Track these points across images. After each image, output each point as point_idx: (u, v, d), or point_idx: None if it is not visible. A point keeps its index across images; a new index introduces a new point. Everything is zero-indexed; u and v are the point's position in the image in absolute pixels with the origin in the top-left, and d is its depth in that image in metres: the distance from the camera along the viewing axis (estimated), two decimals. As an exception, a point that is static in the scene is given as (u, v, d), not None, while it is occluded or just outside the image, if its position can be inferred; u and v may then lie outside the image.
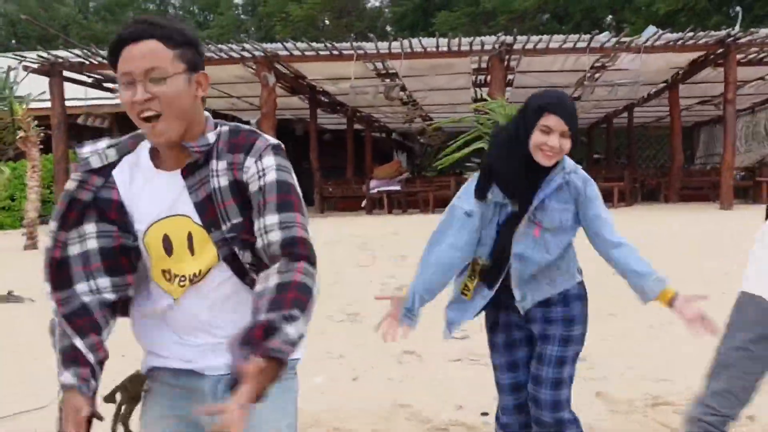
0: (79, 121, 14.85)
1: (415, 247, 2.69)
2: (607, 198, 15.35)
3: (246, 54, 13.12)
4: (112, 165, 1.67)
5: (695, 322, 2.35)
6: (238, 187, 1.60)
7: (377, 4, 34.84)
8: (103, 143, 1.70)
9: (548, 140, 2.36)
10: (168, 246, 1.63)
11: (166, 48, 1.53)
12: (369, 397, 4.47)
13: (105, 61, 13.30)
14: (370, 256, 8.09)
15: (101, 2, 37.48)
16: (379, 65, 14.31)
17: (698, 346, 2.68)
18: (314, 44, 13.11)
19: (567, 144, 2.39)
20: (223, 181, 1.60)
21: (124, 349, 2.06)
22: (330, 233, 9.16)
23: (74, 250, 1.64)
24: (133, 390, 1.81)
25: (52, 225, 1.64)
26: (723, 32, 12.52)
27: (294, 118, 20.02)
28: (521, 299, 2.56)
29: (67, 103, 14.10)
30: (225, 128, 1.66)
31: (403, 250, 8.43)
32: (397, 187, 15.73)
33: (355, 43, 13.04)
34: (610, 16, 30.60)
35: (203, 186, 1.61)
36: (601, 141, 26.11)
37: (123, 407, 1.81)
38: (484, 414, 3.87)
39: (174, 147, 1.60)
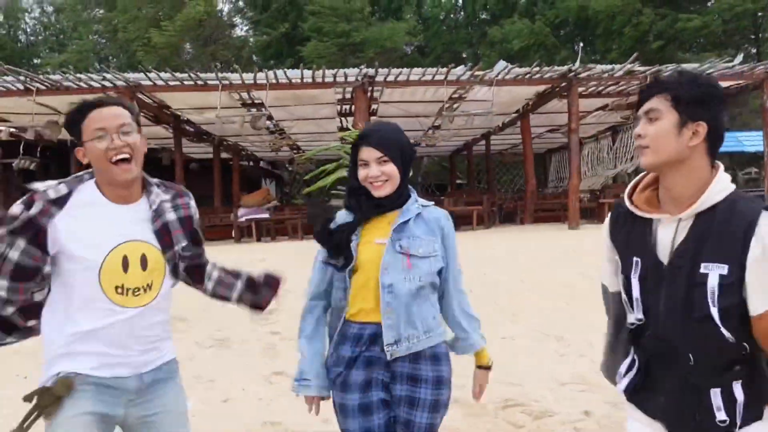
0: None
1: (283, 272, 2.77)
2: (467, 221, 16.17)
3: (107, 84, 12.81)
4: (63, 198, 2.11)
5: (476, 392, 2.68)
6: (186, 221, 2.32)
7: (242, 33, 34.73)
8: (54, 182, 2.14)
9: (369, 171, 2.36)
10: (126, 265, 2.14)
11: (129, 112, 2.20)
12: (239, 417, 4.59)
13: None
14: (238, 282, 8.15)
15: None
16: (245, 95, 14.36)
17: (538, 357, 3.07)
18: (178, 74, 12.97)
19: (389, 168, 2.35)
20: (172, 216, 2.28)
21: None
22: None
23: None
24: (58, 392, 2.06)
25: (2, 231, 2.03)
26: (565, 68, 13.58)
27: (159, 148, 19.59)
28: (393, 342, 2.32)
29: None
30: (149, 177, 2.33)
31: (272, 276, 8.56)
32: (266, 215, 15.77)
33: (220, 74, 13.04)
34: (468, 50, 32.22)
35: (158, 218, 2.24)
36: (463, 167, 27.36)
37: (41, 408, 2.05)
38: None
39: (129, 185, 2.19)
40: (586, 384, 5.02)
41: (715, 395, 1.77)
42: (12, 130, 13.28)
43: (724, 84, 14.70)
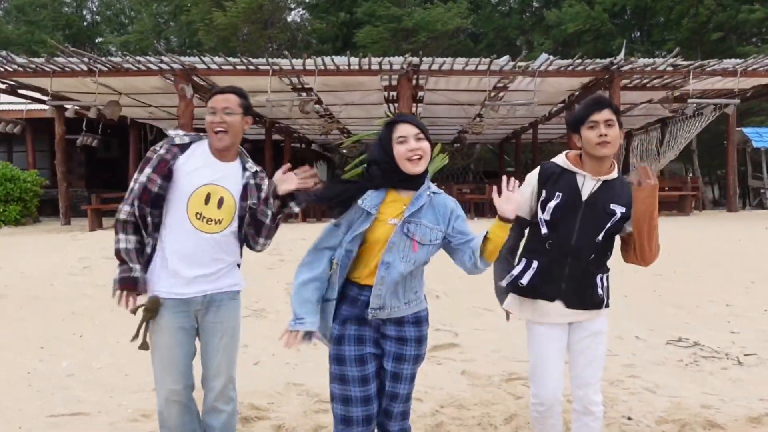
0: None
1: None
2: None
3: (164, 66, 13.41)
4: (185, 146, 3.02)
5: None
6: (258, 187, 3.11)
7: (298, 18, 35.19)
8: (182, 131, 3.10)
9: (408, 145, 2.67)
10: (207, 199, 2.97)
11: (238, 98, 3.05)
12: (267, 378, 5.06)
13: (19, 69, 13.42)
14: (277, 259, 8.68)
15: (14, 2, 36.27)
16: (295, 80, 14.77)
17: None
18: (231, 59, 13.50)
19: (425, 144, 2.70)
20: (252, 181, 3.10)
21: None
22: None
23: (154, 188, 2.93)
24: (152, 307, 2.94)
25: (149, 170, 2.93)
26: (607, 60, 13.63)
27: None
28: (377, 308, 2.70)
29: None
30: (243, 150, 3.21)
31: (310, 254, 9.03)
32: (313, 196, 16.16)
33: (270, 60, 13.52)
34: (521, 36, 32.00)
35: (244, 178, 3.08)
36: (513, 155, 27.40)
37: (145, 318, 2.95)
38: None
39: (224, 150, 3.02)
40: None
41: (599, 279, 3.01)
42: (77, 108, 14.05)
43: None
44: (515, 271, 3.06)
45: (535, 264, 3.02)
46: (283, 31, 31.01)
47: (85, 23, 38.78)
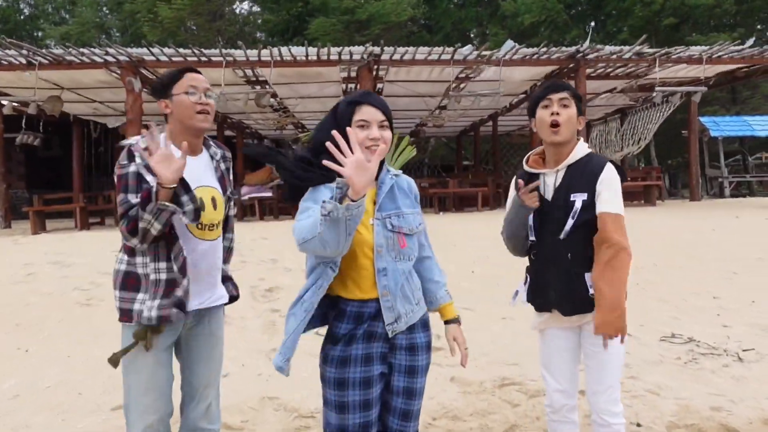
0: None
1: (285, 251, 2.93)
2: (472, 202, 16.11)
3: (110, 59, 12.69)
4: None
5: (453, 348, 2.66)
6: (228, 172, 2.84)
7: (246, 10, 34.43)
8: (139, 136, 2.54)
9: (370, 132, 2.31)
10: (204, 204, 2.61)
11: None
12: (238, 392, 4.59)
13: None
14: (239, 260, 8.12)
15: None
16: (249, 72, 14.25)
17: (537, 338, 3.06)
18: (182, 50, 12.86)
19: (387, 134, 2.35)
20: (224, 166, 2.82)
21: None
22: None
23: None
24: (147, 333, 2.56)
25: (132, 196, 2.48)
26: (573, 49, 13.45)
27: (162, 125, 19.50)
28: (393, 321, 2.38)
29: None
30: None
31: (274, 254, 8.52)
32: (269, 194, 15.68)
33: (224, 50, 12.93)
34: (478, 29, 31.88)
35: (218, 168, 2.79)
36: (471, 149, 27.21)
37: (137, 342, 2.56)
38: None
39: (200, 134, 2.70)
40: (583, 365, 4.98)
41: (587, 278, 2.75)
42: (14, 104, 13.17)
43: (733, 66, 14.55)
44: (519, 288, 3.06)
45: (528, 278, 3.00)
46: (231, 24, 30.23)
47: (21, 17, 37.19)
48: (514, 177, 3.02)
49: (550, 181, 2.83)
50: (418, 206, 2.54)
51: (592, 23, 30.13)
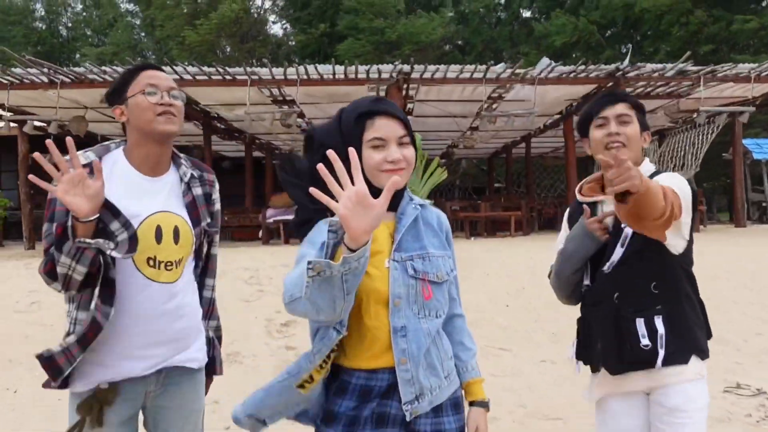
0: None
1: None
2: (505, 226, 15.50)
3: (132, 77, 12.40)
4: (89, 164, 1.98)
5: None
6: (207, 198, 2.28)
7: (280, 32, 34.50)
8: (88, 149, 2.12)
9: (389, 153, 1.78)
10: (159, 236, 2.07)
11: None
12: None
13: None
14: (256, 289, 7.59)
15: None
16: (276, 91, 13.88)
17: (584, 386, 2.45)
18: (206, 68, 12.54)
19: (410, 152, 1.82)
20: (199, 191, 2.24)
21: None
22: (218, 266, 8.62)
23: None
24: (102, 400, 2.03)
25: (47, 224, 1.99)
26: (612, 66, 12.89)
27: (191, 145, 19.28)
28: (413, 398, 1.78)
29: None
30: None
31: (293, 283, 8.00)
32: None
33: (249, 69, 12.58)
34: (511, 49, 31.39)
35: (189, 192, 2.21)
36: (502, 170, 26.60)
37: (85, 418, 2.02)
38: None
39: (165, 147, 2.15)
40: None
41: (640, 324, 2.17)
42: (36, 123, 12.94)
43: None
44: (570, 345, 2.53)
45: (579, 330, 2.47)
46: (263, 45, 30.19)
47: (59, 40, 37.74)
48: (567, 209, 2.55)
49: (611, 208, 2.24)
50: (449, 248, 1.96)
51: (629, 45, 29.48)
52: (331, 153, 1.53)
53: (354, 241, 1.52)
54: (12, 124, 13.77)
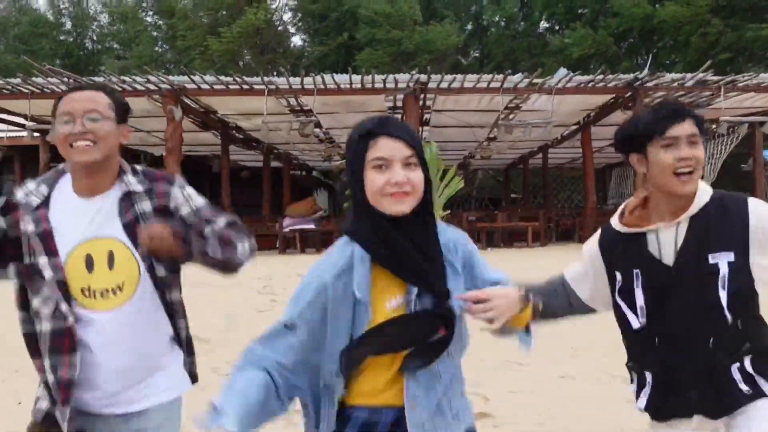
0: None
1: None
2: (522, 237, 15.46)
3: (151, 86, 12.59)
4: (47, 199, 2.01)
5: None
6: (161, 211, 2.05)
7: (300, 43, 34.79)
8: (32, 184, 2.05)
9: (391, 176, 1.63)
10: (90, 264, 1.96)
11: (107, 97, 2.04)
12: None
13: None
14: (269, 299, 7.61)
15: (15, 32, 36.04)
16: (293, 101, 14.01)
17: (602, 402, 2.38)
18: (223, 78, 12.70)
19: (417, 175, 1.66)
20: (147, 206, 2.03)
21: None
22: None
23: None
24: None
25: None
26: (631, 76, 12.91)
27: (210, 155, 19.45)
28: None
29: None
30: (128, 165, 2.12)
31: (307, 293, 8.03)
32: (311, 225, 15.32)
33: (266, 78, 12.69)
34: (529, 60, 31.46)
35: (129, 210, 2.02)
36: (518, 181, 26.60)
37: None
38: None
39: (92, 172, 1.99)
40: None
41: (735, 371, 2.00)
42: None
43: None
44: (633, 388, 2.22)
45: (649, 377, 2.14)
46: (284, 56, 30.48)
47: (84, 53, 38.36)
48: (596, 238, 2.26)
49: (668, 238, 2.05)
50: (471, 268, 1.82)
51: (646, 56, 29.44)
52: None
53: None
54: (35, 134, 13.99)
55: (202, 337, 6.20)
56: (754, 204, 2.02)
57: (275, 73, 25.69)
